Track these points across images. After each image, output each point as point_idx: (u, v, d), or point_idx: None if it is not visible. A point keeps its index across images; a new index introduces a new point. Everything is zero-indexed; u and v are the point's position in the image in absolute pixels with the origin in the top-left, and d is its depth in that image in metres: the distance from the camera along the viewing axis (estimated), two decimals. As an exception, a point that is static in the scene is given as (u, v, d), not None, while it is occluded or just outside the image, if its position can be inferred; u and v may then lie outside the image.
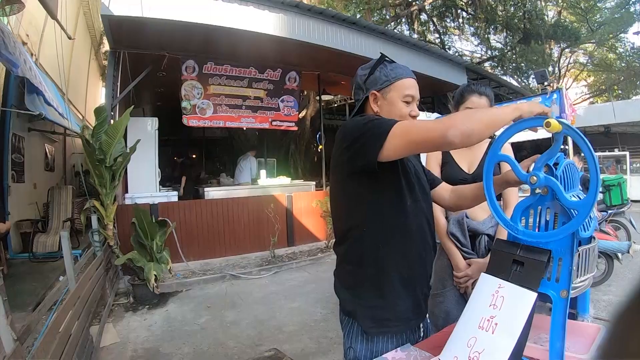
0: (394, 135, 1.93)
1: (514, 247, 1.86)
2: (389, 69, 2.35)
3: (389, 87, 2.32)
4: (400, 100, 2.31)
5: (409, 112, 2.31)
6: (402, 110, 2.30)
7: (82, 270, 6.31)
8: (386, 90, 2.33)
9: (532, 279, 1.71)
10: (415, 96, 2.35)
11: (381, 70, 2.35)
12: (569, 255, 1.71)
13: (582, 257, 1.82)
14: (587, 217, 1.66)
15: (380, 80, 2.34)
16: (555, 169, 1.80)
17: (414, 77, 2.40)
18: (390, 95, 2.32)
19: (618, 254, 7.16)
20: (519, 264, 1.81)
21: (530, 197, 1.88)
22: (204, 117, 11.91)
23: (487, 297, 1.79)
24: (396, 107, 2.31)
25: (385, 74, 2.33)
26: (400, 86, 2.32)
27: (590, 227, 1.78)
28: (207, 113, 11.91)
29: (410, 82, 2.35)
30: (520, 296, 1.69)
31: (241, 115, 12.53)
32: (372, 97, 2.36)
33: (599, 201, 9.52)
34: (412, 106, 2.34)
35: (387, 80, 2.32)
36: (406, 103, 2.32)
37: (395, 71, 2.34)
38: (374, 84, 2.35)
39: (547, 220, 1.81)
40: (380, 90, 2.34)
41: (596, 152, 1.60)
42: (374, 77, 2.36)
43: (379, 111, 2.34)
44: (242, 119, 12.63)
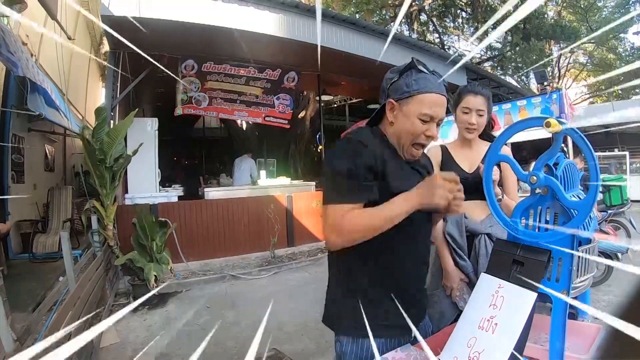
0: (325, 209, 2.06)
1: (514, 247, 1.87)
2: (413, 78, 2.16)
3: (409, 100, 2.15)
4: (416, 117, 2.14)
5: (424, 131, 2.16)
6: (415, 127, 2.14)
7: (82, 271, 6.32)
8: (405, 101, 2.16)
9: (532, 279, 1.71)
10: (436, 116, 2.15)
11: (406, 77, 2.18)
12: (569, 255, 1.71)
13: (582, 257, 1.82)
14: (587, 217, 1.67)
15: (401, 89, 2.17)
16: (555, 169, 1.81)
17: (443, 93, 2.20)
18: (407, 109, 2.15)
19: (618, 254, 7.16)
20: (519, 264, 1.82)
21: (531, 197, 1.89)
22: (199, 107, 12.18)
23: (487, 297, 1.80)
24: (410, 123, 2.15)
25: (407, 84, 2.16)
26: (420, 101, 2.13)
27: (590, 227, 1.79)
28: (202, 104, 12.16)
29: (433, 98, 2.14)
30: (521, 296, 1.70)
31: (235, 108, 12.73)
32: (389, 105, 2.22)
33: (599, 201, 9.53)
34: (430, 126, 2.16)
35: (406, 91, 2.15)
36: (422, 121, 2.14)
37: (419, 83, 2.14)
38: (394, 92, 2.19)
39: (547, 220, 1.81)
40: (399, 101, 2.18)
41: (596, 152, 1.60)
42: (397, 83, 2.20)
43: (394, 122, 2.21)
44: (236, 112, 12.84)
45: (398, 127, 2.20)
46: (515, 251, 1.86)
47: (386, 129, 2.27)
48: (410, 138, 2.18)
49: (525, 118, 1.81)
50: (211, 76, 12.03)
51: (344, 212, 1.97)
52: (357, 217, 1.95)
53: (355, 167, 2.01)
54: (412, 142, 2.19)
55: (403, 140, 2.20)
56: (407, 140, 2.19)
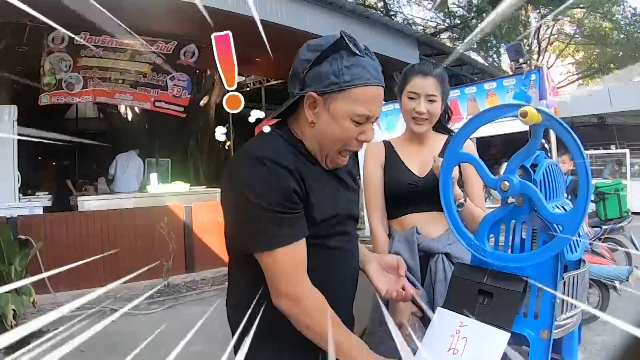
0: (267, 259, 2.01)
1: (479, 274, 1.87)
2: (344, 64, 1.95)
3: (337, 95, 1.97)
4: (349, 119, 2.00)
5: (357, 135, 2.07)
6: (347, 131, 2.04)
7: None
8: (331, 97, 1.98)
9: (504, 314, 1.73)
10: (373, 115, 2.05)
11: (333, 62, 1.96)
12: (552, 284, 1.73)
13: (568, 287, 1.84)
14: (575, 235, 1.68)
15: (326, 78, 1.96)
16: (533, 172, 1.82)
17: (382, 83, 2.06)
18: (335, 107, 1.99)
19: (615, 283, 7.13)
20: (486, 296, 1.82)
21: (502, 208, 1.89)
22: (72, 92, 11.93)
23: (445, 338, 1.80)
24: (339, 126, 2.01)
25: (335, 72, 1.95)
26: (354, 98, 1.97)
27: (579, 247, 1.81)
28: (76, 88, 11.90)
29: (371, 93, 2.00)
30: (489, 337, 1.70)
31: (116, 90, 12.51)
32: (309, 100, 2.01)
33: (591, 214, 9.63)
34: (365, 127, 2.07)
35: (335, 83, 1.95)
36: (356, 123, 2.02)
37: (353, 72, 1.95)
38: (316, 81, 1.99)
39: (523, 238, 1.82)
40: (324, 95, 1.98)
41: (587, 149, 1.63)
42: (320, 70, 1.98)
43: (315, 122, 2.05)
44: (117, 95, 12.67)
45: (321, 131, 2.07)
46: (481, 278, 1.85)
47: (302, 130, 2.15)
48: (338, 145, 2.09)
49: (495, 106, 1.82)
50: (86, 51, 11.78)
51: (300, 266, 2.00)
52: (320, 311, 1.95)
53: (281, 199, 1.95)
54: (339, 150, 2.11)
55: (327, 147, 2.10)
56: (332, 148, 2.10)
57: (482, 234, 1.88)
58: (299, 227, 1.99)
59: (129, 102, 12.99)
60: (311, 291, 1.97)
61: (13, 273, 8.16)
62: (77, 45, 11.59)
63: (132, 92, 12.64)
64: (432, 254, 3.12)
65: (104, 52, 12.09)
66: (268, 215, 1.93)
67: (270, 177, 1.94)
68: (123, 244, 10.86)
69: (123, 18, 7.40)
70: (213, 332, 8.05)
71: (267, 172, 1.94)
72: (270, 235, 1.95)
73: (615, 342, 6.29)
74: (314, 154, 2.14)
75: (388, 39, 14.72)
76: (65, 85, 11.64)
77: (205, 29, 12.02)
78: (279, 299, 1.99)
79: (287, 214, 1.95)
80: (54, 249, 10.00)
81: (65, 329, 2.28)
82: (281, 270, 1.95)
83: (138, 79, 12.66)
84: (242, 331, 2.03)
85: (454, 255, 3.05)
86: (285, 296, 1.97)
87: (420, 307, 2.88)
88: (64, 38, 11.28)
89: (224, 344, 4.19)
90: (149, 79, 12.83)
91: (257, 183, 1.95)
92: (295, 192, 1.97)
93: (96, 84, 12.09)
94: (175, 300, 10.11)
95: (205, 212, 12.24)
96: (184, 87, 13.28)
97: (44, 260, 9.52)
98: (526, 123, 1.72)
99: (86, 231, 10.58)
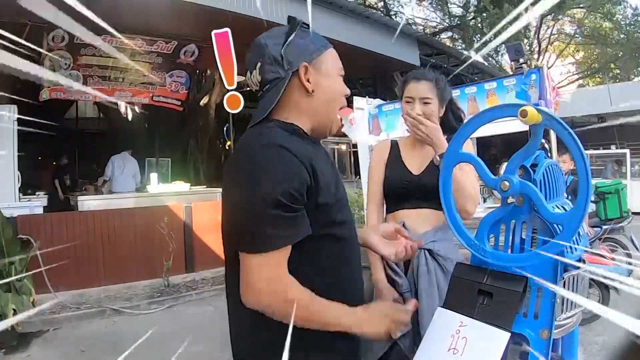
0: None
1: (479, 274, 1.87)
2: (312, 35, 2.21)
3: (323, 57, 2.19)
4: (338, 75, 2.23)
5: (344, 89, 2.27)
6: (341, 87, 2.24)
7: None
8: (319, 60, 2.17)
9: (504, 314, 1.73)
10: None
11: (305, 36, 2.18)
12: (552, 284, 1.72)
13: (568, 287, 1.83)
14: (574, 235, 1.68)
15: (307, 48, 2.16)
16: (533, 172, 1.81)
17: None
18: (326, 67, 2.18)
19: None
20: (486, 296, 1.82)
21: (502, 208, 1.89)
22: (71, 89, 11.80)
23: (445, 338, 1.80)
24: (336, 83, 2.21)
25: (312, 41, 2.19)
26: (333, 57, 2.23)
27: (578, 247, 1.80)
28: (75, 85, 11.77)
29: (334, 52, 2.27)
30: (489, 337, 1.70)
31: (116, 88, 12.53)
32: (303, 71, 2.12)
33: (591, 214, 9.54)
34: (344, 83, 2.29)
35: (320, 47, 2.19)
36: (342, 78, 2.25)
37: (319, 38, 2.23)
38: (302, 54, 2.14)
39: (523, 238, 1.81)
40: (312, 62, 2.15)
41: (587, 149, 1.62)
42: (296, 44, 2.15)
43: (315, 89, 2.14)
44: (116, 93, 12.70)
45: (323, 94, 2.18)
46: (481, 279, 1.85)
47: (297, 110, 2.19)
48: (338, 103, 2.24)
49: (495, 105, 1.81)
50: (86, 49, 11.78)
51: (284, 265, 1.95)
52: (303, 292, 1.95)
53: (293, 191, 1.92)
54: (337, 109, 2.26)
55: (332, 109, 2.22)
56: (334, 107, 2.23)
57: (482, 234, 1.87)
58: (298, 229, 1.96)
59: (127, 99, 13.01)
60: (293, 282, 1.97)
61: (13, 272, 8.15)
62: (77, 44, 11.58)
63: (131, 90, 12.70)
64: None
65: (104, 51, 12.01)
66: (264, 211, 1.90)
67: (274, 164, 1.94)
68: (123, 244, 10.88)
69: (123, 18, 7.42)
70: (213, 332, 8.07)
71: (278, 159, 1.94)
72: (260, 236, 1.92)
73: (615, 342, 6.34)
74: (313, 131, 2.22)
75: (388, 39, 14.67)
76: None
77: (205, 29, 12.03)
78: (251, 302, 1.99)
79: (288, 210, 1.91)
80: (54, 249, 10.00)
81: (65, 329, 2.29)
82: (263, 277, 1.93)
83: (137, 77, 12.67)
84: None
85: (436, 252, 3.17)
86: (258, 301, 1.97)
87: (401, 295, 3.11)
88: (64, 37, 11.28)
89: (222, 344, 4.20)
90: (148, 78, 12.83)
91: (257, 170, 1.95)
92: (304, 184, 1.95)
93: (96, 82, 12.10)
94: (175, 300, 10.07)
95: (205, 212, 12.21)
96: (182, 83, 13.36)
97: (44, 259, 9.50)
98: (526, 123, 1.72)
99: (86, 231, 10.57)
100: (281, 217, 1.89)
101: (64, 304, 9.44)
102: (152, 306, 9.67)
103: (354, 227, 2.33)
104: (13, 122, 10.21)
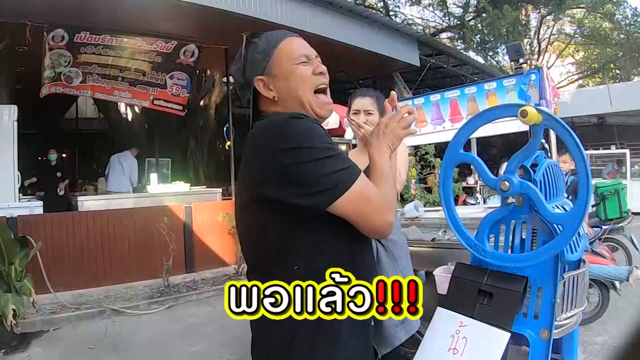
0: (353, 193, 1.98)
1: (479, 274, 1.84)
2: (260, 44, 2.26)
3: (271, 62, 2.23)
4: (294, 65, 2.23)
5: (312, 70, 2.26)
6: (302, 73, 2.23)
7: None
8: (269, 66, 2.23)
9: (504, 314, 1.69)
10: (310, 53, 2.29)
11: (253, 50, 2.26)
12: (552, 284, 1.71)
13: (568, 287, 1.82)
14: (574, 235, 1.67)
15: (257, 60, 2.25)
16: (533, 172, 1.80)
17: (297, 35, 2.36)
18: (278, 69, 2.23)
19: (615, 283, 7.06)
20: (486, 296, 1.78)
21: (502, 208, 1.87)
22: (70, 85, 11.86)
23: (445, 338, 1.76)
24: (293, 75, 2.23)
25: (259, 51, 2.25)
26: (283, 52, 2.24)
27: (579, 247, 1.80)
28: (74, 82, 11.85)
29: (293, 41, 2.30)
30: (489, 337, 1.65)
31: (115, 87, 12.47)
32: (260, 84, 2.24)
33: (591, 214, 9.52)
34: (312, 63, 2.28)
35: (264, 56, 2.24)
36: (303, 64, 2.24)
37: (268, 40, 2.27)
38: (254, 70, 2.25)
39: (523, 238, 1.80)
40: (264, 72, 2.23)
41: (587, 149, 1.62)
42: (249, 63, 2.26)
43: (277, 94, 2.23)
44: (116, 92, 12.59)
45: (285, 92, 2.24)
46: (481, 279, 1.82)
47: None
48: (306, 88, 2.24)
49: (495, 106, 1.82)
50: (86, 48, 11.72)
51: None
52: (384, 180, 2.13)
53: (329, 140, 2.07)
54: (312, 91, 2.25)
55: (302, 97, 2.24)
56: (305, 94, 2.24)
57: (482, 234, 1.86)
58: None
59: (127, 100, 12.95)
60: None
61: (13, 273, 8.15)
62: (77, 44, 11.56)
63: (130, 90, 12.59)
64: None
65: (103, 49, 12.01)
66: (333, 153, 1.99)
67: (313, 128, 2.04)
68: (123, 244, 10.88)
69: (123, 17, 7.41)
70: (213, 332, 8.09)
71: (307, 123, 2.05)
72: (345, 171, 1.99)
73: (615, 342, 6.26)
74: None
75: (388, 39, 14.66)
76: (64, 78, 11.60)
77: (205, 29, 12.02)
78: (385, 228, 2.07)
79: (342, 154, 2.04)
80: (54, 249, 9.98)
81: (65, 329, 2.29)
82: (379, 199, 2.02)
83: (137, 77, 12.61)
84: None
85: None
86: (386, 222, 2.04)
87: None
88: (64, 36, 11.25)
89: (222, 343, 4.22)
90: (148, 77, 12.76)
91: (309, 133, 2.01)
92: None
93: (95, 80, 12.07)
94: (175, 301, 10.05)
95: (205, 212, 12.24)
96: (183, 86, 13.21)
97: (44, 260, 9.50)
98: (526, 123, 1.71)
99: (86, 231, 10.55)
100: (338, 155, 2.00)
101: (63, 304, 9.43)
102: (152, 306, 9.65)
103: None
104: (13, 122, 10.22)
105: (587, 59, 40.98)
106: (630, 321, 0.60)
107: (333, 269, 2.06)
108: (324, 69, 2.28)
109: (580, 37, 37.52)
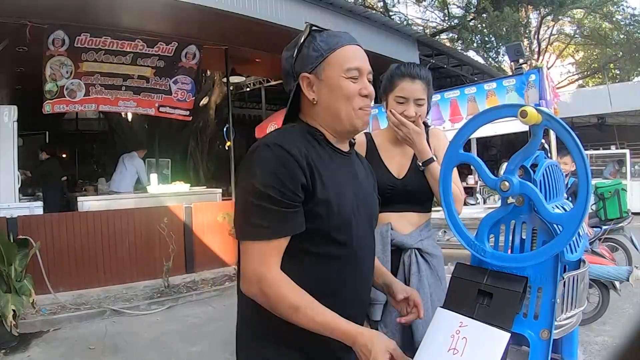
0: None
1: (479, 274, 1.86)
2: (319, 40, 2.21)
3: (323, 64, 2.18)
4: (343, 77, 2.16)
5: (359, 90, 2.19)
6: (348, 89, 2.17)
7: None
8: (321, 68, 2.18)
9: (504, 315, 1.72)
10: (364, 67, 2.22)
11: (310, 45, 2.21)
12: (552, 284, 1.72)
13: (568, 287, 1.82)
14: (574, 235, 1.67)
15: (310, 57, 2.20)
16: (533, 172, 1.81)
17: (357, 43, 2.28)
18: (327, 74, 2.18)
19: (615, 283, 7.06)
20: (486, 296, 1.81)
21: (502, 208, 1.88)
22: (74, 100, 11.68)
23: (445, 339, 1.79)
24: (339, 88, 2.17)
25: (315, 48, 2.20)
26: (337, 59, 2.18)
27: (578, 247, 1.80)
28: (78, 95, 11.67)
29: (351, 50, 2.22)
30: (489, 337, 1.69)
31: (119, 97, 12.31)
32: (305, 82, 2.21)
33: (591, 214, 9.50)
34: (362, 82, 2.21)
35: (319, 56, 2.19)
36: (352, 79, 2.18)
37: (328, 41, 2.21)
38: (304, 65, 2.21)
39: (523, 238, 1.81)
40: (313, 71, 2.20)
41: (587, 149, 1.61)
42: (302, 55, 2.23)
43: (317, 98, 2.21)
44: (120, 103, 12.44)
45: (326, 101, 2.22)
46: (481, 279, 1.84)
47: (312, 115, 2.28)
48: (346, 104, 2.19)
49: (495, 106, 1.81)
50: (87, 54, 11.55)
51: (270, 257, 2.02)
52: (289, 290, 1.99)
53: (281, 187, 2.00)
54: (353, 109, 2.20)
55: (342, 112, 2.20)
56: (345, 110, 2.20)
57: (482, 234, 1.87)
58: (288, 225, 2.02)
59: (132, 109, 12.79)
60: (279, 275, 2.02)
61: (13, 273, 8.14)
62: (78, 48, 11.42)
63: (135, 99, 12.43)
64: (405, 248, 3.22)
65: (105, 55, 11.86)
66: (256, 203, 2.00)
67: (271, 162, 2.03)
68: (123, 245, 10.86)
69: (123, 17, 7.43)
70: (213, 332, 8.10)
71: (269, 157, 2.04)
72: (250, 226, 2.03)
73: (615, 342, 6.25)
74: (335, 135, 2.28)
75: (388, 39, 14.63)
76: (67, 92, 11.41)
77: (205, 29, 12.00)
78: (244, 289, 2.07)
79: (278, 205, 1.99)
80: (53, 249, 9.97)
81: (65, 329, 2.29)
82: (249, 268, 2.03)
83: (141, 84, 12.44)
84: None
85: (424, 250, 3.20)
86: (248, 290, 2.05)
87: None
88: (64, 40, 11.14)
89: (222, 343, 4.23)
90: (152, 84, 12.60)
91: (257, 167, 2.05)
92: (298, 183, 2.02)
93: (98, 91, 11.92)
94: (175, 301, 10.04)
95: (205, 212, 12.23)
96: (188, 90, 13.09)
97: (44, 260, 9.48)
98: (526, 123, 1.72)
99: (86, 231, 10.53)
100: (269, 209, 1.98)
101: (63, 304, 9.41)
102: (152, 307, 9.63)
103: (364, 252, 2.29)
104: (13, 122, 10.20)
105: (587, 59, 40.91)
106: (630, 321, 0.60)
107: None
108: (371, 91, 2.23)
109: (580, 37, 37.39)
